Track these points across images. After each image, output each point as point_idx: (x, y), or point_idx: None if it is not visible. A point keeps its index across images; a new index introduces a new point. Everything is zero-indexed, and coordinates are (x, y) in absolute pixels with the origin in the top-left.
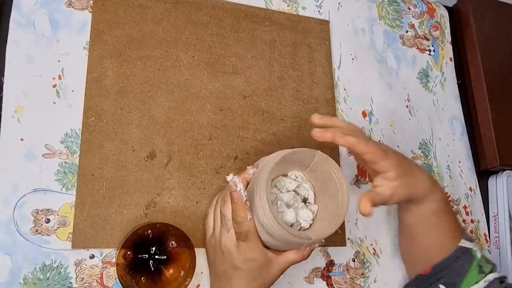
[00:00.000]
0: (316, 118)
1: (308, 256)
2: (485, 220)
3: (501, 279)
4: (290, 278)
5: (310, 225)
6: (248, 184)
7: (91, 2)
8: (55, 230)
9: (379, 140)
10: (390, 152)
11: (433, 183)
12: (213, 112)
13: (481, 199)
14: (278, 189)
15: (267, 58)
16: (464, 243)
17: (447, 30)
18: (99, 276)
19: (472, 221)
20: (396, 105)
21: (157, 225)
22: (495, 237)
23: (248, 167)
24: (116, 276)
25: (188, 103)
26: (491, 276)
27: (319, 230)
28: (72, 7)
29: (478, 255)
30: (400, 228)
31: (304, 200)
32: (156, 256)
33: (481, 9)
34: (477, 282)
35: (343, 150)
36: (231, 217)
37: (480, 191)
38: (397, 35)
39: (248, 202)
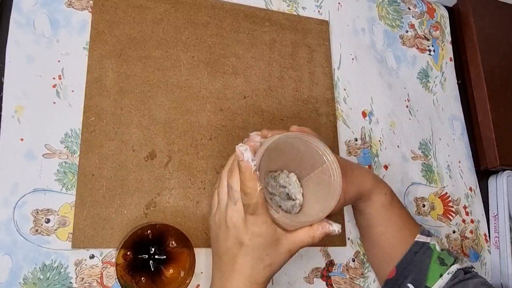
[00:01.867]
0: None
1: (319, 239)
2: (485, 220)
3: (466, 270)
4: (290, 278)
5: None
6: (255, 152)
7: (91, 2)
8: (55, 230)
9: (379, 141)
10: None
11: (376, 178)
12: (213, 112)
13: (481, 199)
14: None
15: (267, 58)
16: (420, 238)
17: (447, 30)
18: (99, 276)
19: (472, 221)
20: (396, 105)
21: (157, 226)
22: (495, 237)
23: (251, 133)
24: (116, 277)
25: (188, 103)
26: (453, 268)
27: (318, 209)
28: (72, 7)
29: (438, 248)
30: (360, 233)
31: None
32: (156, 256)
33: (481, 9)
34: (441, 275)
35: (342, 151)
36: (239, 188)
37: (480, 191)
38: (397, 35)
39: (258, 172)
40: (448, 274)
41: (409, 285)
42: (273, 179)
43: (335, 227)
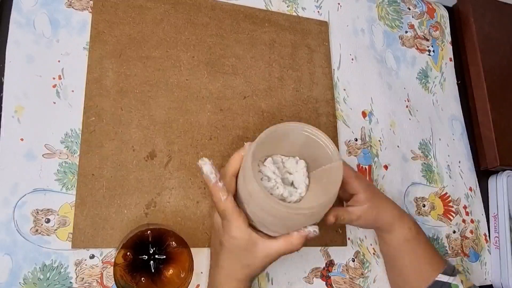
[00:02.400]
0: None
1: (298, 245)
2: (485, 220)
3: None
4: (290, 278)
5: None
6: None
7: (91, 2)
8: (55, 230)
9: (379, 141)
10: (361, 177)
11: (401, 212)
12: (213, 112)
13: (481, 199)
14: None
15: (267, 58)
16: (441, 277)
17: (447, 30)
18: (99, 276)
19: (472, 221)
20: (396, 105)
21: (156, 229)
22: (495, 237)
23: (246, 143)
24: (114, 277)
25: (188, 103)
26: None
27: (310, 201)
28: (72, 7)
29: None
30: (384, 260)
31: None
32: (156, 256)
33: (481, 9)
34: None
35: (342, 151)
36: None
37: (480, 191)
38: (396, 35)
39: (220, 183)
40: None
41: None
42: (282, 162)
43: (311, 228)
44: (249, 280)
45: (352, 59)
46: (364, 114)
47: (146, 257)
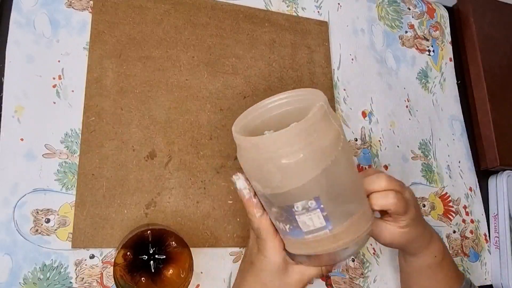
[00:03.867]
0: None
1: (327, 271)
2: (485, 220)
3: None
4: None
5: None
6: None
7: (91, 2)
8: (55, 230)
9: (379, 141)
10: (412, 206)
11: (430, 239)
12: (213, 112)
13: (481, 199)
14: None
15: (267, 58)
16: None
17: (447, 30)
18: (99, 276)
19: (472, 221)
20: (396, 105)
21: (156, 229)
22: (495, 237)
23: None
24: (113, 277)
25: (188, 103)
26: None
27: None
28: (72, 7)
29: None
30: (400, 274)
31: None
32: (156, 256)
33: (481, 9)
34: None
35: None
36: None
37: (480, 191)
38: (396, 35)
39: (254, 199)
40: None
41: None
42: None
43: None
44: None
45: (352, 59)
46: (364, 114)
47: (146, 257)
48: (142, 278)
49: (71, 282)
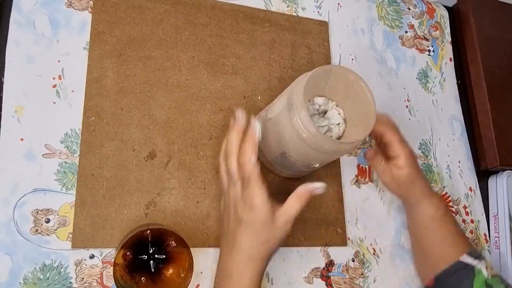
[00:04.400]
0: None
1: (306, 199)
2: (485, 220)
3: None
4: (290, 278)
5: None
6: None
7: (91, 2)
8: (55, 230)
9: None
10: (406, 143)
11: (431, 191)
12: (213, 112)
13: (481, 199)
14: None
15: (267, 58)
16: (465, 259)
17: (447, 30)
18: (99, 276)
19: (472, 221)
20: (396, 105)
21: (155, 229)
22: (495, 237)
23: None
24: (113, 277)
25: (188, 103)
26: None
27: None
28: (72, 7)
29: (485, 273)
30: (410, 235)
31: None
32: (156, 256)
33: (481, 9)
34: None
35: None
36: (237, 159)
37: (480, 191)
38: (396, 35)
39: (258, 139)
40: None
41: None
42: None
43: (317, 184)
44: (267, 259)
45: (352, 59)
46: None
47: (146, 257)
48: (142, 278)
49: (71, 282)
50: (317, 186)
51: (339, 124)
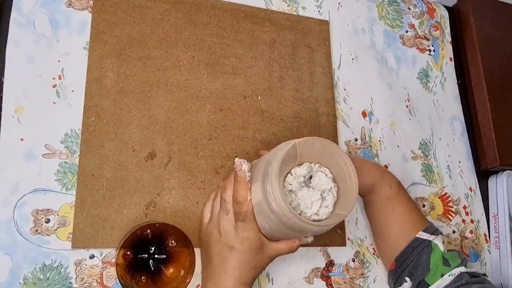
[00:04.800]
0: None
1: (295, 249)
2: (485, 220)
3: (473, 274)
4: (290, 278)
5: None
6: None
7: (91, 2)
8: (55, 230)
9: (379, 141)
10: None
11: (383, 172)
12: (213, 112)
13: (481, 199)
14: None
15: (267, 58)
16: (421, 235)
17: (447, 30)
18: (99, 276)
19: (472, 221)
20: (396, 105)
21: (156, 225)
22: (495, 237)
23: (237, 160)
24: (116, 277)
25: (188, 103)
26: (456, 270)
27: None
28: (72, 7)
29: (441, 247)
30: (370, 223)
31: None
32: (156, 256)
33: (481, 9)
34: (442, 275)
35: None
36: (232, 200)
37: (480, 191)
38: (397, 35)
39: (250, 184)
40: (450, 276)
41: (406, 278)
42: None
43: (309, 238)
44: (252, 283)
45: (353, 59)
46: (364, 114)
47: (146, 256)
48: (142, 278)
49: (71, 282)
50: (309, 240)
51: (330, 188)
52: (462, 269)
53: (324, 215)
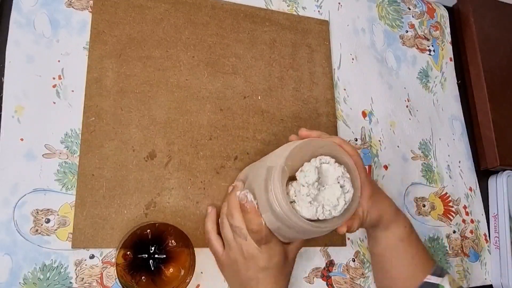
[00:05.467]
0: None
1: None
2: (485, 220)
3: None
4: (290, 278)
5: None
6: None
7: (91, 2)
8: (55, 230)
9: (379, 140)
10: (364, 171)
11: (398, 209)
12: (213, 112)
13: (481, 199)
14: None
15: (267, 58)
16: (430, 279)
17: (447, 30)
18: (99, 276)
19: (472, 221)
20: (396, 105)
21: (156, 225)
22: (495, 237)
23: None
24: (116, 277)
25: (188, 103)
26: None
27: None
28: (72, 7)
29: None
30: (372, 259)
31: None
32: (156, 256)
33: (481, 9)
34: None
35: None
36: (247, 228)
37: (480, 191)
38: (397, 35)
39: (259, 209)
40: None
41: None
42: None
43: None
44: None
45: (353, 59)
46: (364, 114)
47: (146, 256)
48: (143, 278)
49: (71, 282)
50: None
51: (342, 174)
52: None
53: (348, 202)
